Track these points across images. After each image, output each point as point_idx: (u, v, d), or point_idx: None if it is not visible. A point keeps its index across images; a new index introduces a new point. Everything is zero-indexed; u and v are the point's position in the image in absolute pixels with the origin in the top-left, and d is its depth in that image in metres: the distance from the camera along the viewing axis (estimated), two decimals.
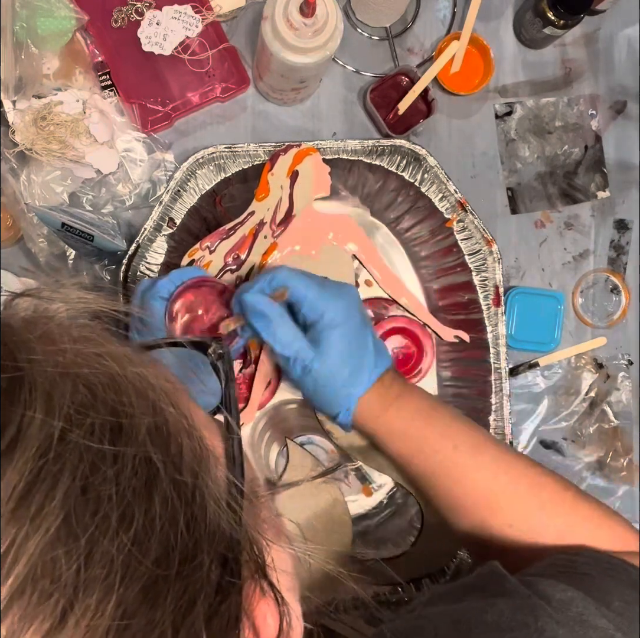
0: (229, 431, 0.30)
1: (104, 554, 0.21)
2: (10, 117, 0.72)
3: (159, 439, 0.24)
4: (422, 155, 0.75)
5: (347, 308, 0.59)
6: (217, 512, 0.25)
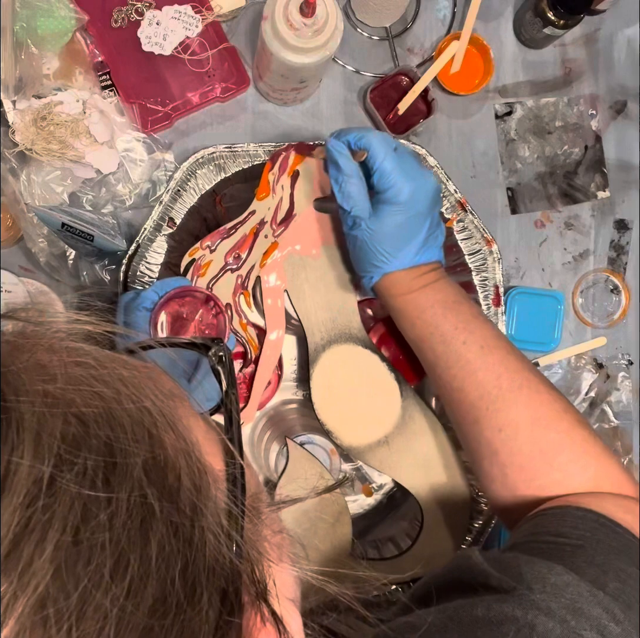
0: (228, 441, 0.28)
1: (97, 608, 0.20)
2: (10, 117, 0.72)
3: (155, 474, 0.23)
4: (422, 155, 0.75)
5: (413, 191, 0.60)
6: (217, 544, 0.24)
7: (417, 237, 0.61)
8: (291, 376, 0.76)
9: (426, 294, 0.62)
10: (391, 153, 0.60)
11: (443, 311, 0.61)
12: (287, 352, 0.76)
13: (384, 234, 0.60)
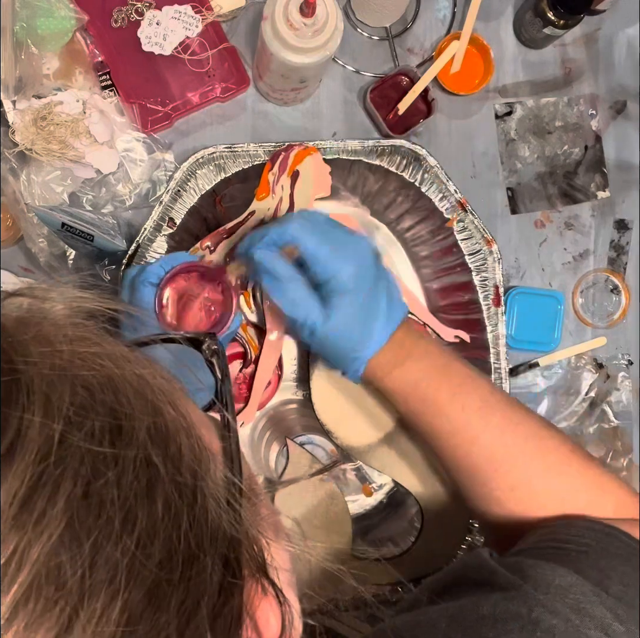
0: (226, 429, 0.29)
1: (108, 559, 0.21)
2: (10, 117, 0.72)
3: (158, 439, 0.24)
4: (422, 155, 0.75)
5: (359, 269, 0.56)
6: (218, 512, 0.25)
7: (379, 309, 0.57)
8: (291, 376, 0.76)
9: (412, 365, 0.57)
10: (319, 236, 0.56)
11: (435, 380, 0.57)
12: (287, 352, 0.76)
13: (347, 326, 0.56)
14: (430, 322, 0.77)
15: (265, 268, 0.56)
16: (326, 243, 0.56)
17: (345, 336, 0.56)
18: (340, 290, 0.55)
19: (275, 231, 0.56)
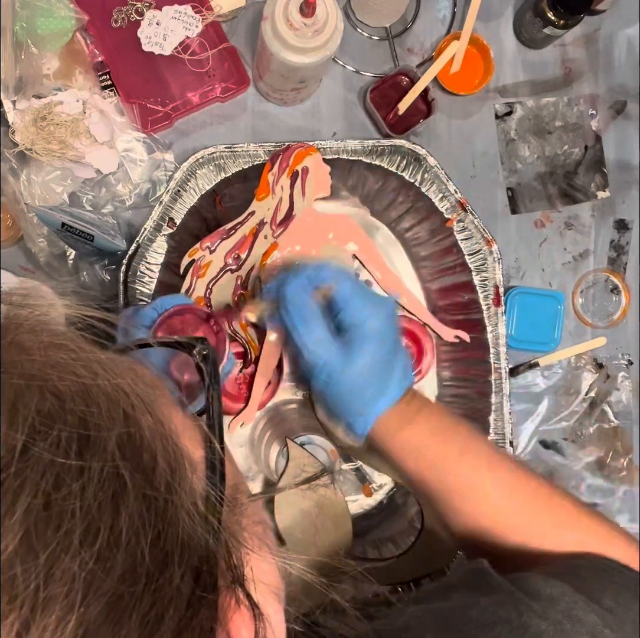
0: (210, 437, 0.29)
1: (65, 571, 0.20)
2: (10, 117, 0.72)
3: (130, 449, 0.24)
4: (422, 155, 0.75)
5: (387, 321, 0.56)
6: (191, 524, 0.24)
7: (398, 367, 0.56)
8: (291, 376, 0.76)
9: (421, 425, 0.57)
10: (355, 284, 0.55)
11: (443, 439, 0.56)
12: None
13: (364, 378, 0.55)
14: (430, 322, 0.77)
15: (294, 306, 0.55)
16: (360, 288, 0.56)
17: (361, 386, 0.55)
18: (369, 335, 0.55)
19: (309, 271, 0.56)
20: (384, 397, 0.56)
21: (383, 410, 0.56)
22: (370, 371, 0.55)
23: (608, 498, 0.85)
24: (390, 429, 0.57)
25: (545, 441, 0.84)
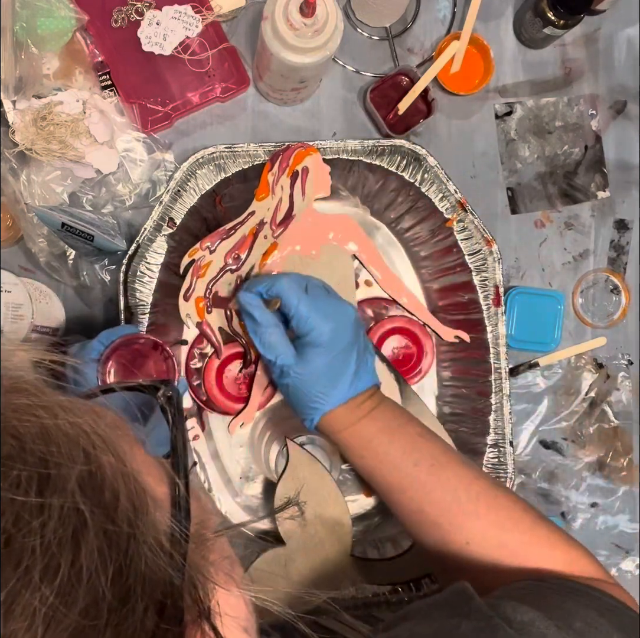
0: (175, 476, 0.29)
1: (26, 607, 0.21)
2: (10, 117, 0.72)
3: (90, 487, 0.24)
4: (422, 155, 0.75)
5: (334, 330, 0.61)
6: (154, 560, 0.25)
7: (347, 371, 0.61)
8: None
9: (367, 424, 0.61)
10: (303, 296, 0.61)
11: (389, 438, 0.60)
12: None
13: (314, 376, 0.61)
14: (430, 322, 0.77)
15: (246, 311, 0.62)
16: (310, 301, 0.61)
17: (308, 385, 0.61)
18: (315, 343, 0.61)
19: (264, 283, 0.62)
20: (329, 397, 0.61)
21: (328, 410, 0.61)
22: (318, 372, 0.61)
23: (608, 498, 0.85)
24: (338, 427, 0.62)
25: (545, 441, 0.84)
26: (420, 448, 0.60)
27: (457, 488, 0.57)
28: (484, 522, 0.56)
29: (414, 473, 0.59)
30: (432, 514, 0.57)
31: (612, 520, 0.85)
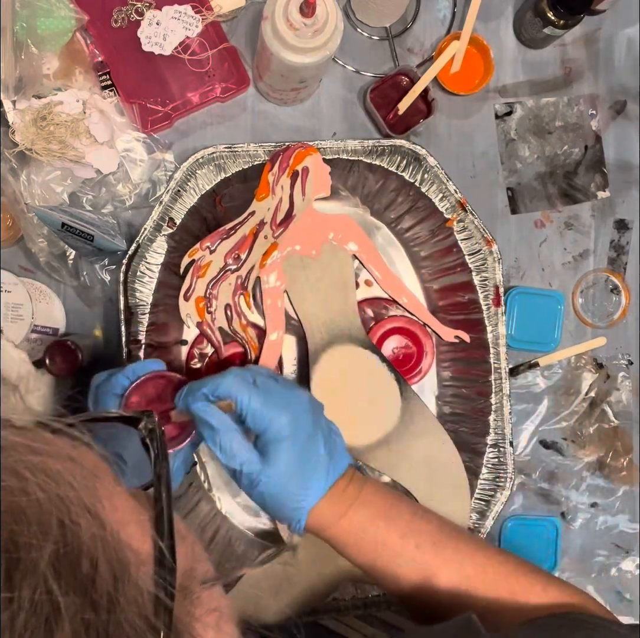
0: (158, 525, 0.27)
1: None
2: (10, 117, 0.72)
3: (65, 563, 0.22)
4: (422, 155, 0.75)
5: (294, 419, 0.56)
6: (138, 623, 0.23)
7: (319, 459, 0.57)
8: (291, 376, 0.76)
9: (358, 513, 0.57)
10: (253, 390, 0.56)
11: (385, 524, 0.56)
12: (287, 352, 0.76)
13: (286, 475, 0.55)
14: (430, 322, 0.77)
15: (202, 420, 0.56)
16: (259, 396, 0.56)
17: (283, 486, 0.55)
18: (277, 439, 0.55)
19: (210, 384, 0.57)
20: (309, 491, 0.56)
21: (311, 507, 0.56)
22: (289, 469, 0.55)
23: (608, 498, 0.85)
24: (328, 522, 0.57)
25: (545, 441, 0.84)
26: (418, 528, 0.57)
27: (462, 564, 0.55)
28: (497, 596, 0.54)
29: (417, 557, 0.55)
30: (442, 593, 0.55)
31: (612, 520, 0.85)
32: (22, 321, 0.75)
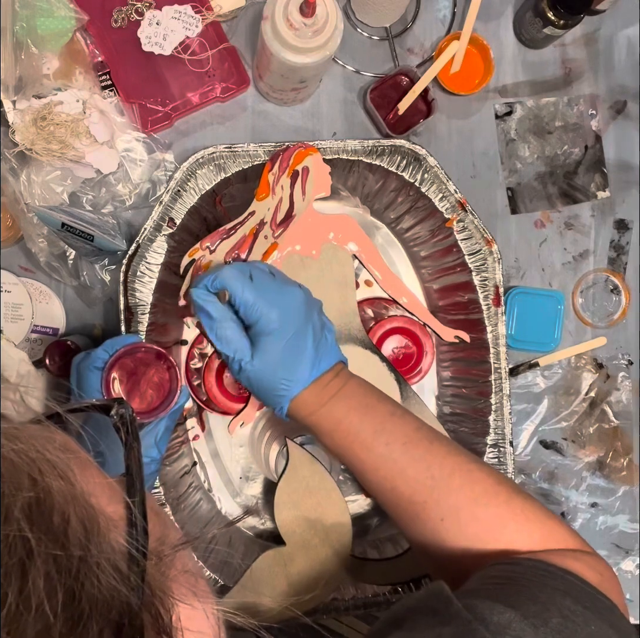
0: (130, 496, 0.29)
1: None
2: (10, 117, 0.72)
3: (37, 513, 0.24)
4: (422, 155, 0.75)
5: (284, 314, 0.60)
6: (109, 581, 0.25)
7: (305, 353, 0.60)
8: None
9: (337, 404, 0.60)
10: (248, 283, 0.60)
11: (359, 418, 0.59)
12: None
13: (272, 365, 0.59)
14: (430, 322, 0.77)
15: (199, 305, 0.61)
16: (254, 288, 0.60)
17: (269, 375, 0.59)
18: (265, 331, 0.59)
19: (208, 276, 0.61)
20: (292, 383, 0.59)
21: (293, 395, 0.60)
22: (275, 360, 0.59)
23: (608, 498, 0.85)
24: (307, 410, 0.60)
25: (545, 441, 0.84)
26: (392, 427, 0.59)
27: (430, 465, 0.57)
28: (459, 497, 0.55)
29: (385, 453, 0.58)
30: (406, 492, 0.57)
31: (612, 520, 0.85)
32: (22, 321, 0.75)
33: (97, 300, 0.77)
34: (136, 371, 0.63)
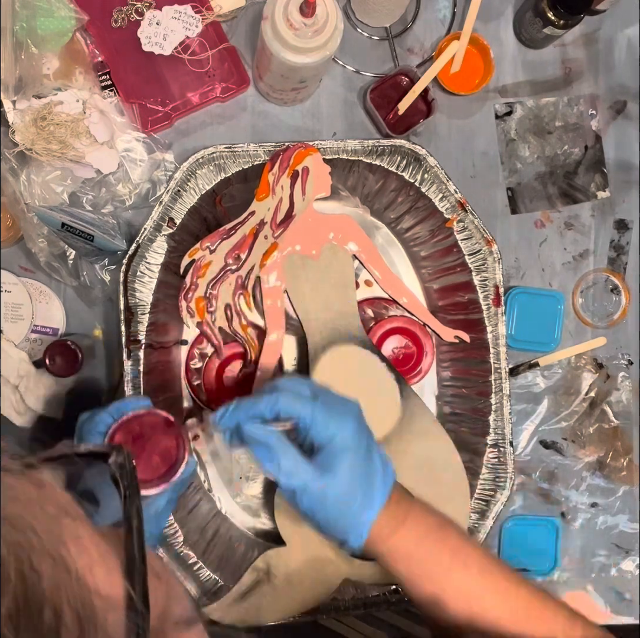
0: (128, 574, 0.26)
1: None
2: (10, 117, 0.72)
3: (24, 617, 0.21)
4: (422, 155, 0.75)
5: (356, 427, 0.55)
6: None
7: (376, 466, 0.55)
8: None
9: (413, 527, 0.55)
10: (312, 401, 0.54)
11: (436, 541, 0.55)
12: (287, 352, 0.76)
13: (350, 489, 0.53)
14: (430, 322, 0.77)
15: (255, 440, 0.54)
16: (321, 406, 0.54)
17: (349, 497, 0.53)
18: (343, 448, 0.53)
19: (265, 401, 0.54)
20: (371, 508, 0.54)
21: (374, 517, 0.54)
22: (351, 485, 0.53)
23: (608, 498, 0.85)
24: (382, 536, 0.55)
25: (545, 441, 0.84)
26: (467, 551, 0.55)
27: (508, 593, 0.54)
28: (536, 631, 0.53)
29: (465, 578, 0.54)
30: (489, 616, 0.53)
31: (612, 520, 0.85)
32: (22, 321, 0.75)
33: (97, 300, 0.77)
34: (142, 435, 0.59)
